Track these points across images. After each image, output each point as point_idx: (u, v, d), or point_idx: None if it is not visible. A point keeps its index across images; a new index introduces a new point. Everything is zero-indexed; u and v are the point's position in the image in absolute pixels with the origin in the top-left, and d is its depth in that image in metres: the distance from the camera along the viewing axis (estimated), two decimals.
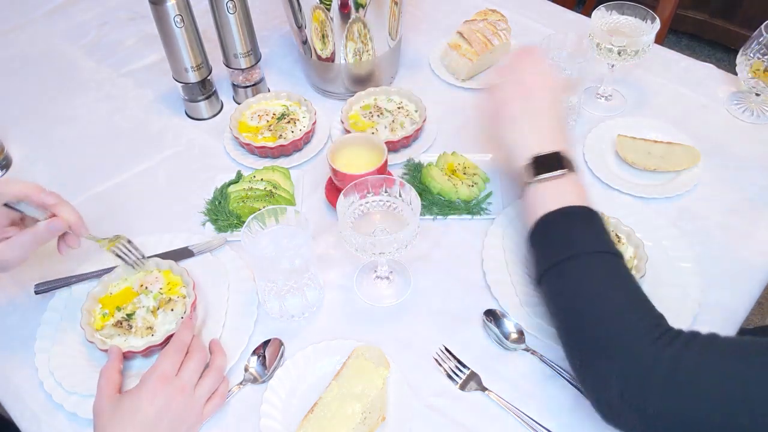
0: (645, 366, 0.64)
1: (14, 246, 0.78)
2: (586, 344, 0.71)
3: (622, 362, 0.66)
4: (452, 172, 1.03)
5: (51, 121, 1.22)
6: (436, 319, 0.88)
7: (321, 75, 1.20)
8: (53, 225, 0.79)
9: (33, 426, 0.80)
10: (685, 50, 2.64)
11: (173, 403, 0.73)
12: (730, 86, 1.19)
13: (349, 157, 0.98)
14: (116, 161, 1.13)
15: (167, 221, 1.02)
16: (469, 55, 1.19)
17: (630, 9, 1.09)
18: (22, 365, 0.85)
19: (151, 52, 1.35)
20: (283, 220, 0.85)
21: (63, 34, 1.42)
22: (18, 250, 0.79)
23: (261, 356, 0.84)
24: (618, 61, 1.09)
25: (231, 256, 0.95)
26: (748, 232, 0.96)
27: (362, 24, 1.07)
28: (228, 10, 1.07)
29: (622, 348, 0.67)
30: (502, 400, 0.79)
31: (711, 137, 1.10)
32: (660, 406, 0.63)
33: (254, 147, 1.08)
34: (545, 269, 0.77)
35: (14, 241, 0.78)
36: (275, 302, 0.87)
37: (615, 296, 0.72)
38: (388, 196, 0.84)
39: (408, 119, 1.11)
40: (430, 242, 0.97)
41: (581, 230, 0.78)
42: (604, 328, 0.69)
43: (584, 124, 1.13)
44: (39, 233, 0.79)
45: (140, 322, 0.85)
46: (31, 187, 0.79)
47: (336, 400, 0.77)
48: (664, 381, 0.63)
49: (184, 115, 1.21)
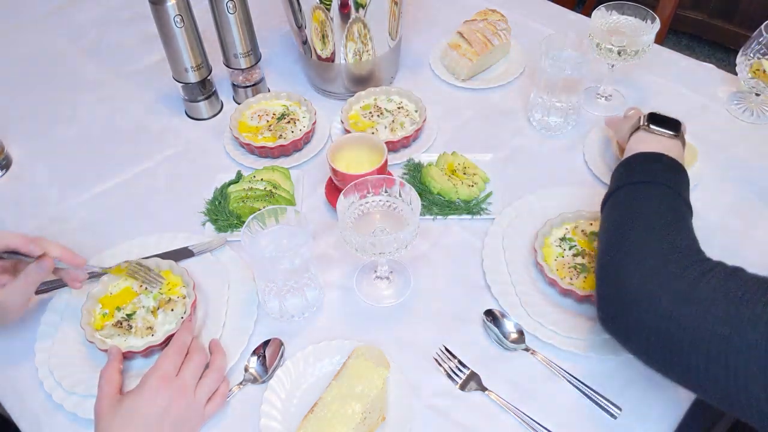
0: (665, 274, 0.66)
1: (9, 292, 0.79)
2: (621, 248, 0.72)
3: (646, 269, 0.68)
4: (452, 172, 1.03)
5: (51, 121, 1.22)
6: (436, 319, 0.88)
7: (321, 75, 1.20)
8: (41, 264, 0.79)
9: (33, 426, 0.80)
10: (685, 50, 2.65)
11: (174, 403, 0.73)
12: (730, 86, 1.19)
13: (349, 157, 0.98)
14: (116, 161, 1.13)
15: (167, 221, 1.02)
16: (469, 55, 1.19)
17: (630, 9, 1.09)
18: (22, 365, 0.85)
19: (151, 52, 1.35)
20: (283, 220, 0.85)
21: (63, 34, 1.42)
22: (13, 296, 0.79)
23: (261, 356, 0.84)
24: (618, 61, 1.09)
25: (231, 256, 0.95)
26: (748, 232, 0.96)
27: (362, 24, 1.07)
28: (228, 10, 1.07)
29: (652, 260, 0.68)
30: (502, 400, 0.79)
31: (711, 137, 1.10)
32: (663, 312, 0.64)
33: (254, 147, 1.08)
34: (619, 186, 0.80)
35: (9, 288, 0.79)
36: (275, 302, 0.87)
37: (670, 229, 0.72)
38: (388, 196, 0.85)
39: (408, 119, 1.11)
40: (430, 242, 0.97)
41: (664, 169, 0.80)
42: (645, 243, 0.71)
43: (584, 124, 1.14)
44: (30, 274, 0.79)
45: (140, 323, 0.85)
46: (17, 238, 0.79)
47: (336, 400, 0.77)
48: (675, 294, 0.65)
49: (184, 115, 1.21)
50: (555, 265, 0.90)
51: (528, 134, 1.13)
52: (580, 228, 0.93)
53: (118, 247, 0.96)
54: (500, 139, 1.12)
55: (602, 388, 0.79)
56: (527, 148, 1.11)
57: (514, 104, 1.19)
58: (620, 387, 0.80)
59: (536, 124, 1.13)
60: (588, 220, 0.93)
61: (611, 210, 0.79)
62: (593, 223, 0.93)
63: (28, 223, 1.04)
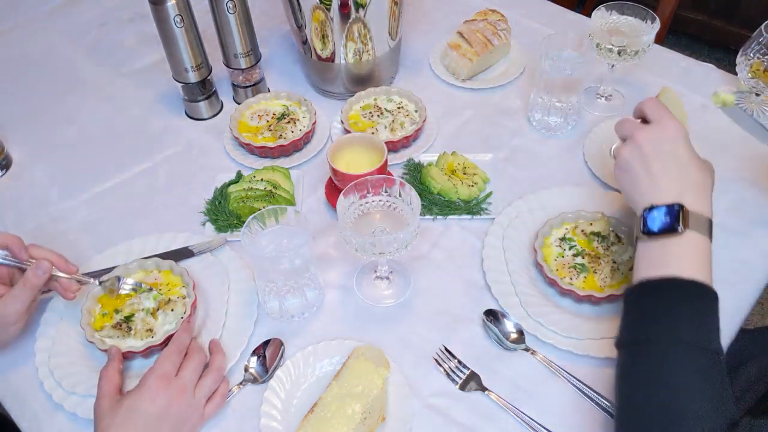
0: None
1: (8, 300, 0.78)
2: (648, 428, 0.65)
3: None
4: (452, 172, 1.03)
5: (51, 121, 1.22)
6: (436, 319, 0.88)
7: (321, 75, 1.20)
8: (39, 267, 0.79)
9: (33, 426, 0.80)
10: (685, 50, 2.63)
11: (174, 403, 0.73)
12: (730, 86, 1.19)
13: (349, 157, 0.98)
14: (116, 161, 1.13)
15: (167, 221, 1.02)
16: (469, 55, 1.19)
17: (630, 9, 1.09)
18: (22, 365, 0.85)
19: (151, 52, 1.35)
20: (283, 220, 0.85)
21: (63, 34, 1.42)
22: (13, 305, 0.78)
23: (261, 356, 0.84)
24: (618, 61, 1.09)
25: (231, 256, 0.95)
26: (748, 232, 0.96)
27: (362, 24, 1.07)
28: (228, 10, 1.07)
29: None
30: (502, 400, 0.79)
31: (711, 137, 1.10)
32: None
33: (254, 147, 1.08)
34: (631, 340, 0.70)
35: (7, 297, 0.78)
36: (275, 302, 0.87)
37: (697, 398, 0.64)
38: (388, 196, 0.84)
39: (408, 119, 1.11)
40: (430, 242, 0.97)
41: (682, 312, 0.68)
42: (675, 424, 0.63)
43: (584, 124, 1.14)
44: (29, 279, 0.78)
45: (140, 325, 0.85)
46: (12, 237, 0.80)
47: (336, 400, 0.77)
48: None
49: (184, 115, 1.21)
50: (555, 265, 0.90)
51: (528, 134, 1.13)
52: (580, 228, 0.93)
53: (118, 247, 0.96)
54: (500, 139, 1.12)
55: (602, 388, 0.79)
56: (527, 148, 1.11)
57: (514, 104, 1.19)
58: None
59: (536, 124, 1.13)
60: (588, 220, 0.93)
61: (633, 374, 0.69)
62: (593, 223, 0.93)
63: (28, 223, 1.04)
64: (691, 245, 0.72)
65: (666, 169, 0.76)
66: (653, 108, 0.81)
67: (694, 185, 0.76)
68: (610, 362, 0.82)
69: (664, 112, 0.80)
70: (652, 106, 0.82)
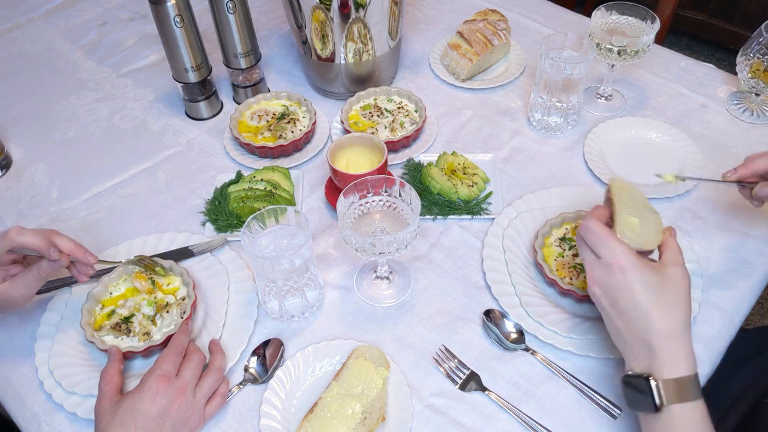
0: None
1: (18, 285, 0.80)
2: None
3: None
4: (452, 172, 1.03)
5: (51, 121, 1.22)
6: (436, 319, 0.88)
7: (321, 75, 1.20)
8: (57, 261, 0.79)
9: (33, 426, 0.80)
10: (685, 50, 2.64)
11: (175, 403, 0.73)
12: (730, 86, 1.19)
13: (349, 157, 0.98)
14: (116, 161, 1.13)
15: (167, 221, 1.02)
16: (469, 55, 1.19)
17: (630, 9, 1.09)
18: (22, 365, 0.85)
19: (151, 52, 1.35)
20: (283, 220, 0.85)
21: (63, 34, 1.42)
22: (22, 289, 0.80)
23: (261, 356, 0.84)
24: (618, 61, 1.09)
25: (231, 256, 0.95)
26: (748, 232, 0.96)
27: (362, 24, 1.07)
28: (228, 10, 1.07)
29: None
30: (502, 400, 0.79)
31: (711, 137, 1.10)
32: None
33: (254, 147, 1.08)
34: None
35: (18, 280, 0.80)
36: (275, 302, 0.87)
37: None
38: (388, 196, 0.84)
39: (408, 119, 1.11)
40: (430, 242, 0.97)
41: None
42: None
43: (584, 124, 1.14)
44: (44, 269, 0.80)
45: (138, 327, 0.85)
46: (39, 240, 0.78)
47: (336, 400, 0.77)
48: None
49: (184, 115, 1.21)
50: (555, 265, 0.90)
51: (528, 134, 1.13)
52: None
53: (118, 247, 0.96)
54: (500, 139, 1.12)
55: (602, 388, 0.79)
56: (527, 148, 1.11)
57: (514, 104, 1.19)
58: (620, 387, 0.79)
59: (536, 124, 1.13)
60: None
61: None
62: None
63: (28, 223, 1.04)
64: (680, 422, 0.65)
65: (628, 326, 0.68)
66: (594, 239, 0.71)
67: (664, 338, 0.66)
68: (610, 362, 0.82)
69: (607, 242, 0.69)
70: (593, 236, 0.71)
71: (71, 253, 0.80)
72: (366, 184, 0.83)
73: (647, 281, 0.67)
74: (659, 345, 0.66)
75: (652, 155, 1.07)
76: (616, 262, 0.68)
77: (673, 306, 0.68)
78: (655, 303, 0.67)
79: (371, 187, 0.84)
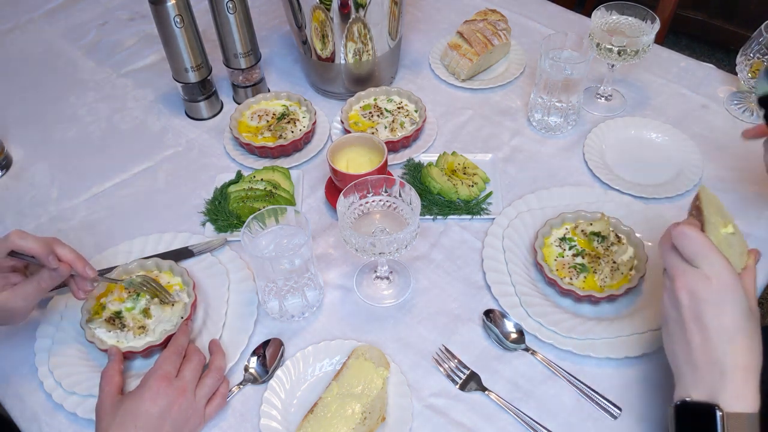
0: None
1: (18, 296, 0.78)
2: None
3: None
4: (452, 172, 1.03)
5: (51, 121, 1.22)
6: (436, 319, 0.88)
7: (321, 75, 1.20)
8: (58, 271, 0.78)
9: (33, 426, 0.80)
10: (685, 50, 2.64)
11: (176, 403, 0.73)
12: (730, 86, 1.19)
13: (349, 157, 0.98)
14: (116, 161, 1.13)
15: (167, 221, 1.02)
16: (469, 55, 1.19)
17: (630, 9, 1.09)
18: (22, 365, 0.85)
19: (151, 52, 1.35)
20: (283, 220, 0.85)
21: (63, 34, 1.42)
22: (22, 301, 0.78)
23: (261, 356, 0.84)
24: (618, 61, 1.09)
25: (231, 256, 0.95)
26: (748, 232, 0.96)
27: (362, 24, 1.07)
28: (228, 10, 1.07)
29: None
30: (502, 400, 0.79)
31: (711, 137, 1.10)
32: None
33: (254, 147, 1.08)
34: None
35: (18, 290, 0.78)
36: (275, 302, 0.87)
37: None
38: (388, 196, 0.84)
39: (408, 119, 1.11)
40: (430, 242, 0.97)
41: None
42: None
43: (584, 124, 1.14)
44: (44, 279, 0.78)
45: (131, 322, 0.84)
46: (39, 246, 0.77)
47: (336, 400, 0.77)
48: None
49: (184, 115, 1.21)
50: (555, 265, 0.90)
51: (528, 134, 1.13)
52: (580, 228, 0.93)
53: (118, 247, 0.96)
54: (500, 139, 1.12)
55: (602, 388, 0.79)
56: (527, 148, 1.11)
57: (514, 104, 1.19)
58: (620, 387, 0.80)
59: (536, 124, 1.13)
60: (588, 220, 0.93)
61: None
62: (593, 223, 0.93)
63: (28, 223, 1.04)
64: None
65: (706, 344, 0.64)
66: (695, 248, 0.66)
67: (740, 368, 0.63)
68: (610, 362, 0.82)
69: (709, 254, 0.65)
70: (694, 244, 0.66)
71: (71, 263, 0.78)
72: (366, 184, 0.83)
73: (743, 306, 0.64)
74: (734, 374, 0.62)
75: (652, 155, 1.08)
76: (717, 277, 0.64)
77: (755, 337, 0.64)
78: (743, 330, 0.64)
79: (371, 187, 0.84)
